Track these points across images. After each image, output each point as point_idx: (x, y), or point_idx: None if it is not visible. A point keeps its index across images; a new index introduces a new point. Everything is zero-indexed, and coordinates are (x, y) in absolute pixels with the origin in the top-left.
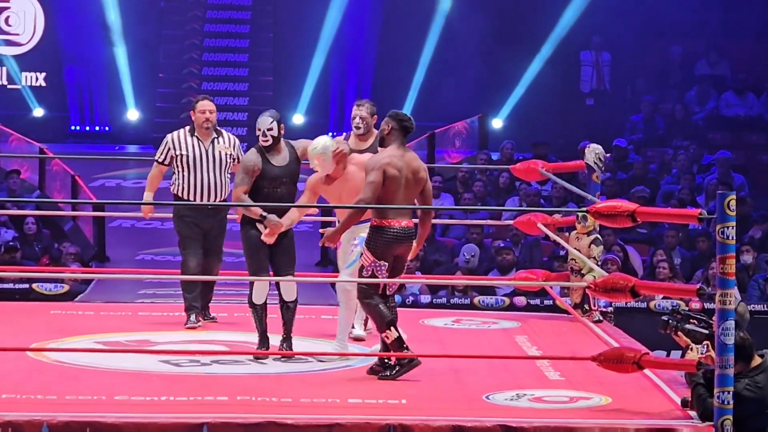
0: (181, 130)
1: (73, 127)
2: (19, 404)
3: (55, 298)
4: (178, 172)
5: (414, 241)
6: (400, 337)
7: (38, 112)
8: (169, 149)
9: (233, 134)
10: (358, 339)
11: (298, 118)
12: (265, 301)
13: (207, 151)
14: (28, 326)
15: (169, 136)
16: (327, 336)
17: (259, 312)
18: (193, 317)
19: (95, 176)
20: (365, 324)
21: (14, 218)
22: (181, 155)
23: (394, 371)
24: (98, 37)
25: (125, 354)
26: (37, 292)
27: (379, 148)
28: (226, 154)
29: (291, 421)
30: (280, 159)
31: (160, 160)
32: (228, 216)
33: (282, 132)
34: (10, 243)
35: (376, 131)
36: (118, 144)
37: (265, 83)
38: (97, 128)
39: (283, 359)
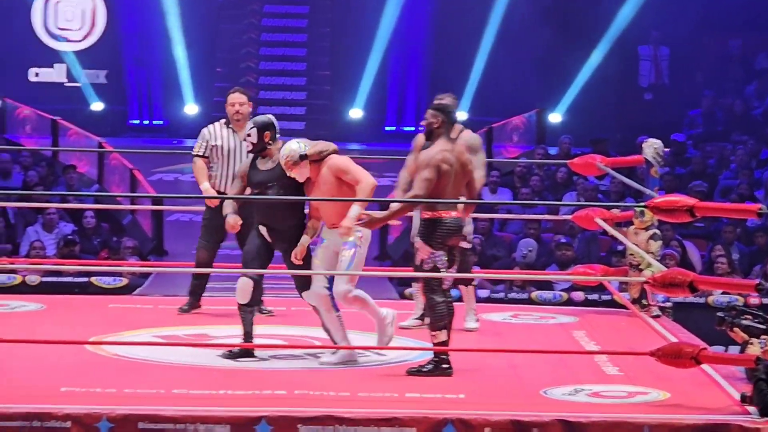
0: (217, 123)
1: (131, 121)
2: (78, 397)
3: (113, 292)
4: (215, 163)
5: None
6: (446, 342)
7: (97, 106)
8: (207, 141)
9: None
10: (469, 330)
11: (355, 113)
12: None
13: (240, 143)
14: (87, 320)
15: (205, 129)
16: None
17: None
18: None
19: (153, 170)
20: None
21: (73, 212)
22: (216, 146)
23: (426, 369)
24: (157, 32)
25: (183, 348)
26: (96, 285)
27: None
28: None
29: (348, 414)
30: (269, 163)
31: (200, 153)
32: None
33: (266, 139)
34: (69, 237)
35: (460, 126)
36: (176, 138)
37: (322, 78)
38: (155, 122)
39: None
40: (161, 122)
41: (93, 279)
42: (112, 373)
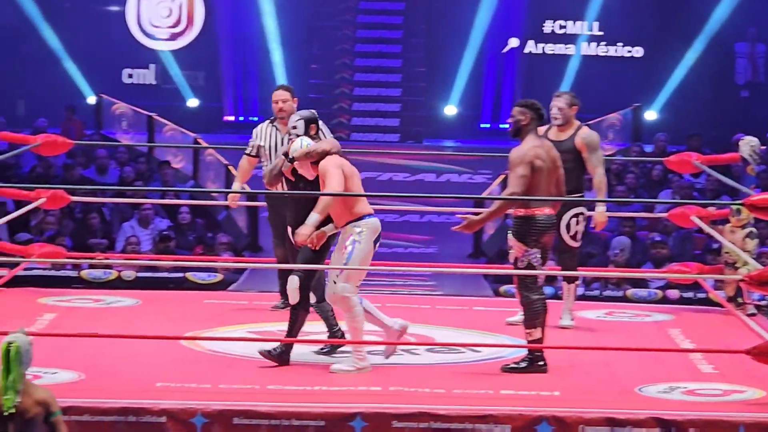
0: (266, 121)
1: (226, 118)
2: (173, 392)
3: (208, 287)
4: (262, 162)
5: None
6: (541, 339)
7: (192, 102)
8: (254, 140)
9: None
10: (564, 328)
11: (450, 110)
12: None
13: (282, 140)
14: (182, 315)
15: (256, 127)
16: (478, 327)
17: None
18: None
19: None
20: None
21: (169, 208)
22: (260, 146)
23: (521, 366)
24: (253, 28)
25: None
26: (191, 281)
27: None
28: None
29: (444, 411)
30: None
31: (247, 151)
32: None
33: (312, 132)
34: (165, 232)
35: (577, 123)
36: None
37: (417, 74)
38: (250, 118)
39: (435, 350)
40: (256, 118)
41: (188, 274)
42: (207, 369)
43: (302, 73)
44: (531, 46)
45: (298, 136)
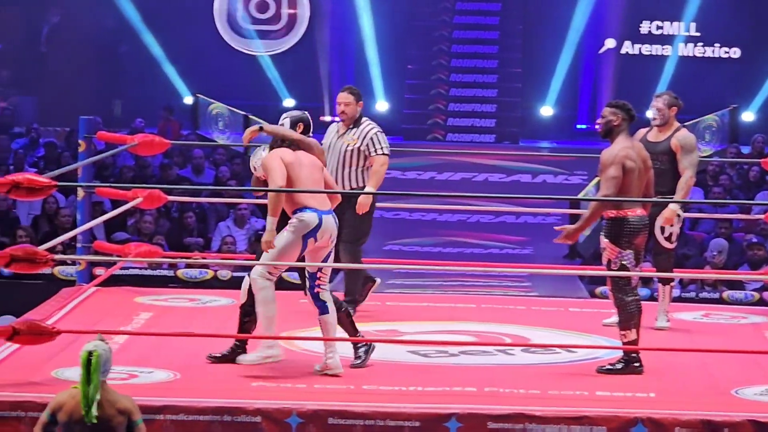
0: (335, 123)
1: (322, 118)
2: (269, 392)
3: (303, 287)
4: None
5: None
6: (636, 341)
7: (289, 102)
8: (324, 140)
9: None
10: (660, 329)
11: (546, 110)
12: None
13: (336, 142)
14: (278, 314)
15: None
16: (574, 328)
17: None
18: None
19: None
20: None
21: (264, 208)
22: (325, 145)
23: (617, 368)
24: (349, 28)
25: (374, 343)
26: (287, 280)
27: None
28: (349, 147)
29: (539, 412)
30: None
31: None
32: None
33: (299, 131)
34: (260, 232)
35: (677, 124)
36: None
37: (513, 75)
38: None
39: (530, 350)
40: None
41: (284, 274)
42: (302, 369)
43: (398, 74)
44: (627, 47)
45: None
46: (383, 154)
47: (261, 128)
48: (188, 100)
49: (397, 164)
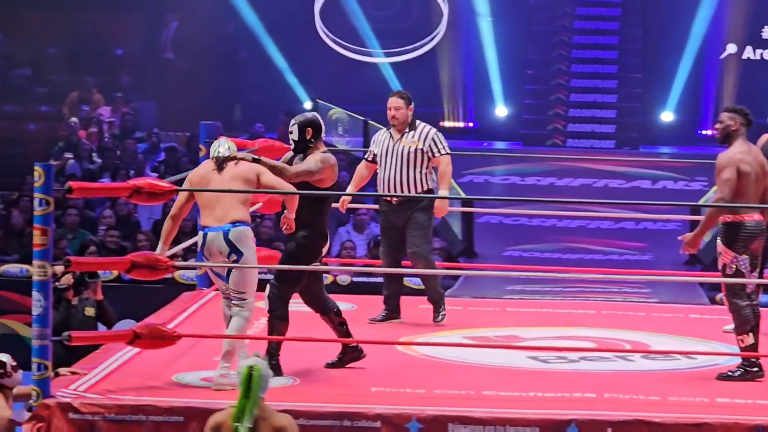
0: (384, 128)
1: (442, 123)
2: (388, 397)
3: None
4: (378, 169)
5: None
6: (755, 345)
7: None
8: (371, 146)
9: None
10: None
11: (666, 116)
12: None
13: (394, 147)
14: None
15: (375, 133)
16: (693, 335)
17: None
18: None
19: (463, 172)
20: None
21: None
22: (375, 153)
23: (736, 375)
24: (467, 33)
25: (493, 349)
26: (406, 286)
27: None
28: (411, 149)
29: (659, 419)
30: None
31: (366, 157)
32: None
33: (308, 136)
34: (380, 238)
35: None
36: (486, 140)
37: (634, 80)
38: (465, 124)
39: (650, 357)
40: (472, 124)
41: (403, 280)
42: (422, 374)
43: (518, 79)
44: (749, 52)
45: (294, 141)
46: (447, 153)
47: (258, 161)
48: (307, 105)
49: (517, 170)
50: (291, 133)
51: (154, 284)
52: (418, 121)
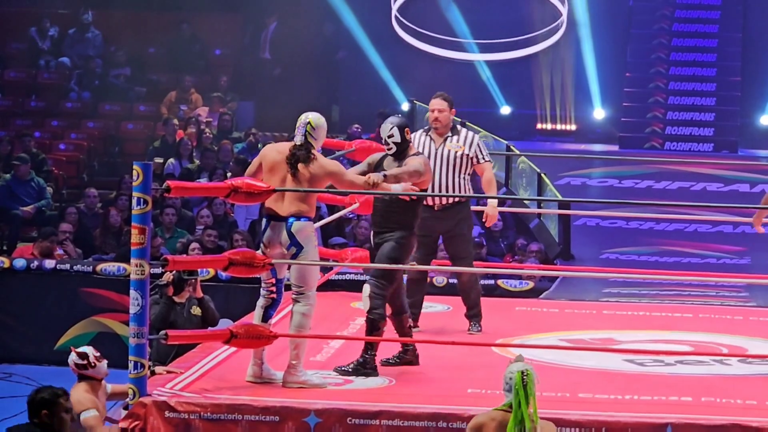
0: (421, 130)
1: (539, 125)
2: (484, 399)
3: (519, 295)
4: None
5: None
6: None
7: (505, 110)
8: None
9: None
10: None
11: (765, 119)
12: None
13: (437, 151)
14: (494, 322)
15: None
16: None
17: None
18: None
19: (561, 174)
20: None
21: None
22: None
23: None
24: (566, 36)
25: (589, 352)
26: (503, 288)
27: None
28: (457, 153)
29: (756, 424)
30: (398, 164)
31: None
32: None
33: (407, 136)
34: (476, 239)
35: None
36: (584, 142)
37: (733, 83)
38: (563, 127)
39: (748, 361)
40: (570, 127)
41: (500, 282)
42: None
43: (617, 82)
44: None
45: (396, 143)
46: (489, 160)
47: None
48: (405, 106)
49: (614, 172)
50: (391, 136)
51: (251, 284)
52: (458, 126)
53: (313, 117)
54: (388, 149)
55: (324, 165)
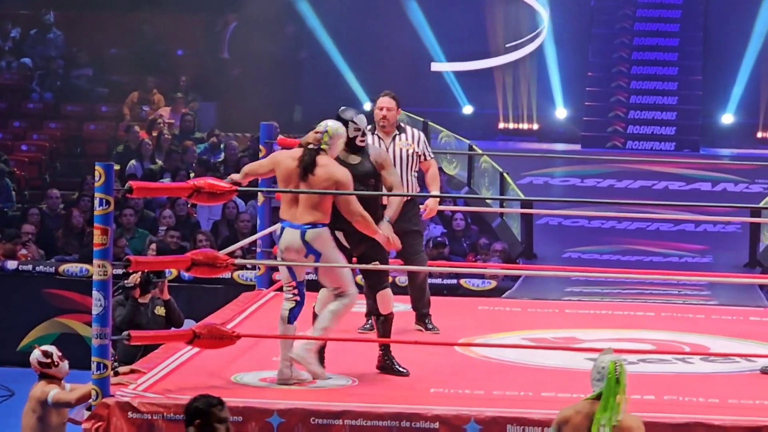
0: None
1: (501, 125)
2: (447, 398)
3: (482, 294)
4: None
5: None
6: None
7: (467, 109)
8: None
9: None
10: None
11: (727, 118)
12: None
13: (387, 150)
14: (456, 321)
15: None
16: (754, 337)
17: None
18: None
19: (523, 173)
20: None
21: (443, 214)
22: None
23: None
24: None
25: (552, 351)
26: (465, 287)
27: None
28: (408, 151)
29: (718, 422)
30: (357, 158)
31: None
32: None
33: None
34: (439, 239)
35: None
36: (546, 142)
37: (694, 83)
38: (526, 126)
39: (710, 359)
40: (533, 126)
41: (462, 281)
42: (481, 375)
43: (579, 81)
44: None
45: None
46: (433, 157)
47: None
48: (367, 105)
49: (576, 172)
50: (364, 135)
51: (214, 284)
52: (402, 124)
53: (332, 126)
54: (362, 142)
55: (333, 173)
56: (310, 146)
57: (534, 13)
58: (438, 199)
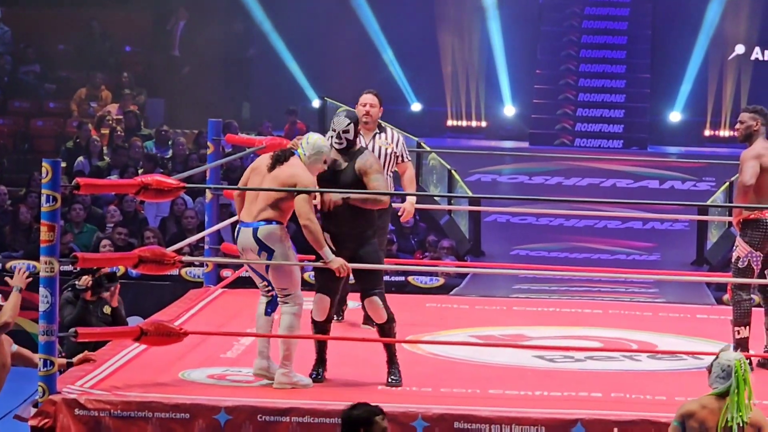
0: None
1: (450, 122)
2: (395, 395)
3: (429, 291)
4: None
5: None
6: (746, 339)
7: (416, 106)
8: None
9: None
10: None
11: (674, 116)
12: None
13: (367, 146)
14: (404, 318)
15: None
16: (701, 335)
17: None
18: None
19: (471, 171)
20: None
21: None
22: None
23: None
24: (477, 32)
25: (499, 348)
26: (413, 284)
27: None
28: (387, 150)
29: (665, 419)
30: (343, 162)
31: None
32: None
33: (358, 132)
34: (387, 236)
35: None
36: (494, 139)
37: (642, 80)
38: (474, 123)
39: (657, 357)
40: (481, 123)
41: (410, 278)
42: (428, 372)
43: (527, 78)
44: (758, 53)
45: (348, 140)
46: (410, 159)
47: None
48: (316, 103)
49: (524, 169)
50: (347, 131)
51: (161, 281)
52: (383, 123)
53: (312, 137)
54: (339, 143)
55: (298, 174)
56: (289, 146)
57: (482, 9)
58: (414, 201)
